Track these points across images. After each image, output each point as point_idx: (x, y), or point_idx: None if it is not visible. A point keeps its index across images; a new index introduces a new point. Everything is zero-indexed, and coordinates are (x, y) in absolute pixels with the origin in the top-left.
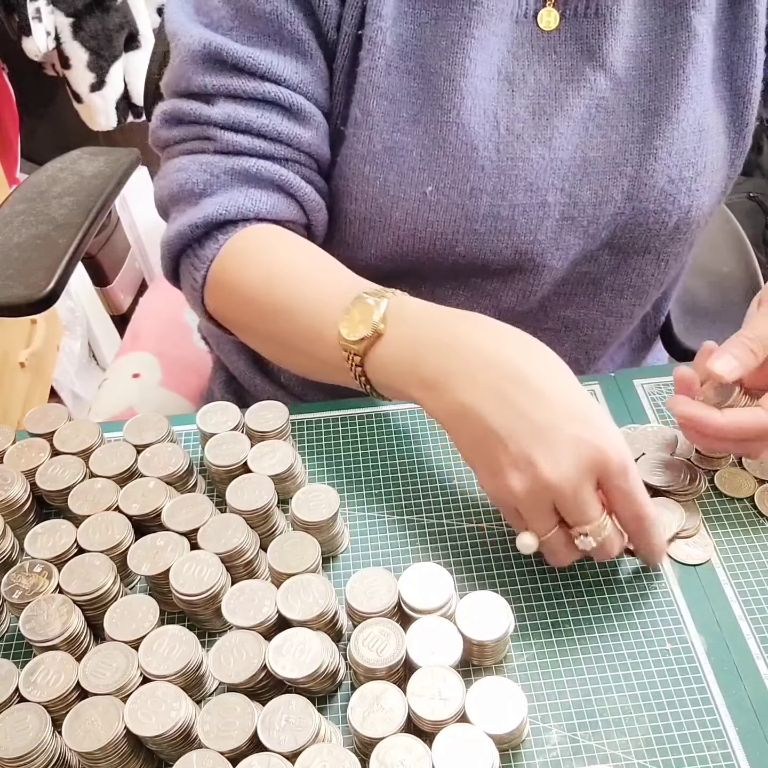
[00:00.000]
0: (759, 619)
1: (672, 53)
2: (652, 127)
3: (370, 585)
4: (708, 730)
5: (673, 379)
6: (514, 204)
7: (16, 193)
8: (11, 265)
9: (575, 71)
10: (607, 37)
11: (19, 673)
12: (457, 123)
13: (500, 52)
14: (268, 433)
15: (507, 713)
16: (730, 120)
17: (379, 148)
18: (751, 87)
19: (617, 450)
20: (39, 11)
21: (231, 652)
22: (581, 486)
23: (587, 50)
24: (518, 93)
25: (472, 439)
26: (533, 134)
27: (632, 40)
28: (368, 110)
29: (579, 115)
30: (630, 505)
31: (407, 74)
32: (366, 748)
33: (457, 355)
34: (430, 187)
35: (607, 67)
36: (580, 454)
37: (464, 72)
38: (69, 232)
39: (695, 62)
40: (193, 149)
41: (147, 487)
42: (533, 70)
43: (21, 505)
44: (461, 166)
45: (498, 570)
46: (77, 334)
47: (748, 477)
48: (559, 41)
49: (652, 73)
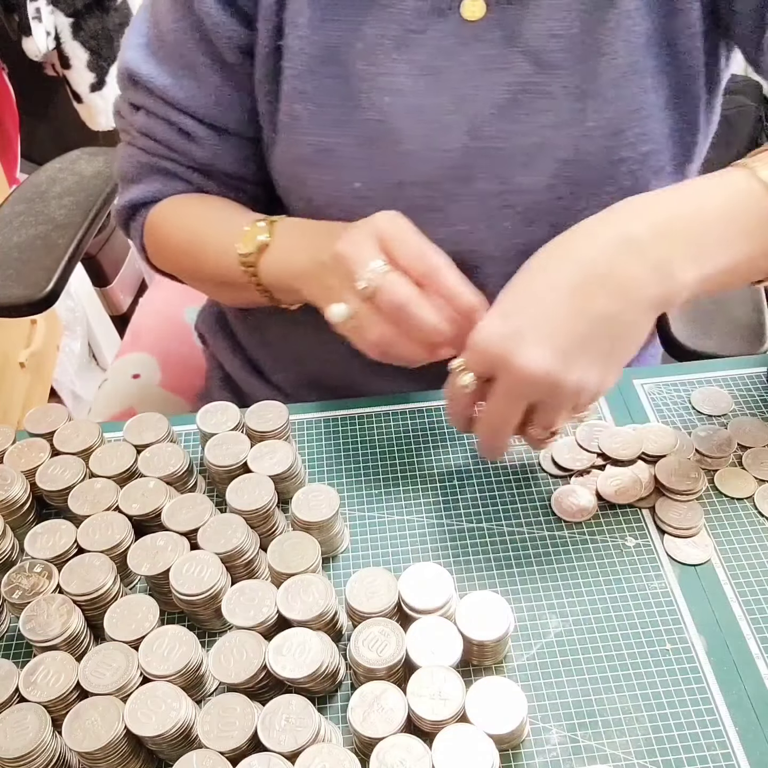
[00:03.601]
0: (759, 619)
1: (600, 32)
2: (585, 109)
3: (370, 585)
4: (708, 730)
5: (673, 379)
6: (445, 194)
7: (16, 194)
8: (11, 265)
9: (499, 58)
10: (530, 21)
11: (19, 673)
12: (378, 120)
13: (423, 47)
14: (268, 433)
15: (507, 713)
16: (673, 95)
17: (309, 151)
18: (692, 59)
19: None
20: (39, 11)
21: (231, 652)
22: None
23: (511, 36)
24: (442, 85)
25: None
26: (458, 124)
27: (560, 22)
28: (295, 115)
29: (505, 102)
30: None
31: (331, 78)
32: (366, 748)
33: (319, 254)
34: (360, 182)
35: (531, 52)
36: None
37: (381, 71)
38: (68, 232)
39: (625, 40)
40: (128, 141)
41: (147, 487)
42: (458, 60)
43: (21, 505)
44: (387, 161)
45: (498, 570)
46: (77, 334)
47: (748, 477)
48: (485, 30)
49: (582, 54)
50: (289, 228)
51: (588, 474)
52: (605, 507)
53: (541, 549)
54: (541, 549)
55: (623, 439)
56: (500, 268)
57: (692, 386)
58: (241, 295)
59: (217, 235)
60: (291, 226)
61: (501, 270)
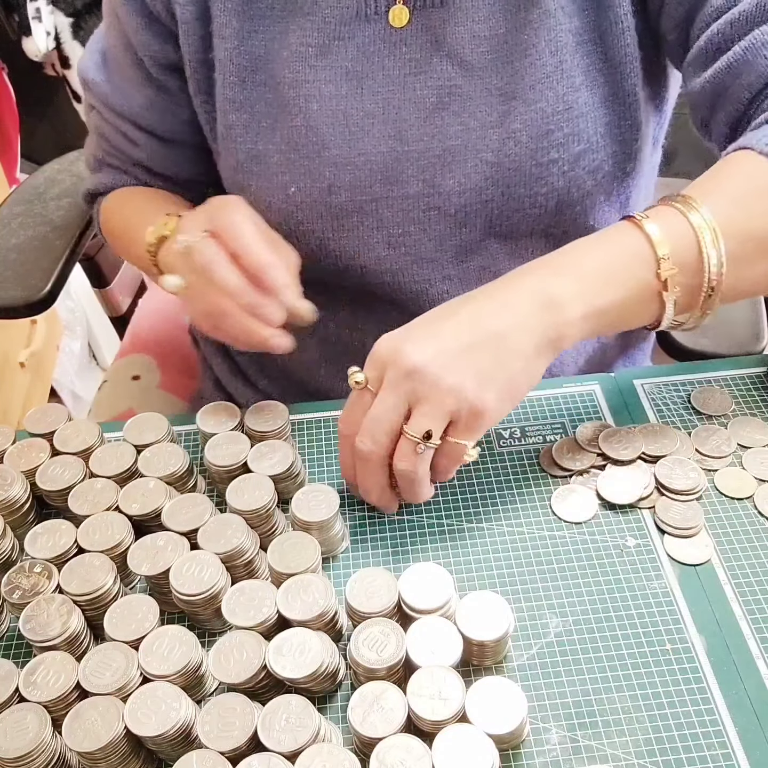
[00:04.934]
0: (759, 619)
1: (525, 32)
2: (510, 111)
3: (370, 585)
4: (708, 730)
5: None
6: (375, 198)
7: (14, 195)
8: (9, 266)
9: (423, 62)
10: (453, 24)
11: (19, 673)
12: (305, 126)
13: (348, 53)
14: (268, 433)
15: (507, 713)
16: (610, 92)
17: (244, 158)
18: (623, 56)
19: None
20: (39, 11)
21: (231, 652)
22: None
23: (435, 40)
24: (367, 90)
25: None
26: (382, 129)
27: (483, 24)
28: (229, 124)
29: (431, 106)
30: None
31: (262, 86)
32: (366, 748)
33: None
34: (293, 188)
35: (454, 55)
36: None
37: (306, 78)
38: (66, 233)
39: (549, 39)
40: (91, 131)
41: (147, 487)
42: (382, 65)
43: (21, 505)
44: (316, 166)
45: (498, 570)
46: (77, 334)
47: (748, 477)
48: (410, 35)
49: (507, 56)
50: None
51: (588, 474)
52: (605, 507)
53: (541, 549)
54: (541, 549)
55: (623, 439)
56: (439, 270)
57: (692, 386)
58: (148, 270)
59: (139, 224)
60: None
61: (440, 273)
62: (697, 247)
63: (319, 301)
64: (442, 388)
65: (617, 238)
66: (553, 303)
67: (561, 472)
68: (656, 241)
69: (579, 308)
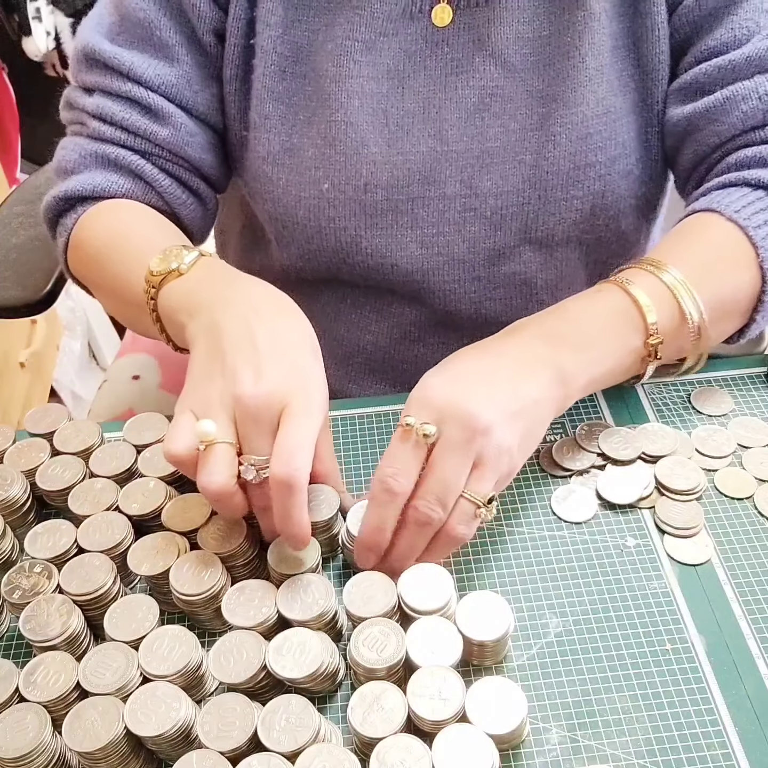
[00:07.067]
0: (759, 619)
1: (568, 35)
2: (551, 113)
3: (366, 589)
4: (708, 730)
5: (673, 379)
6: (411, 197)
7: (15, 195)
8: (9, 266)
9: (465, 63)
10: (497, 24)
11: (19, 673)
12: (345, 122)
13: (391, 50)
14: None
15: (507, 713)
16: (640, 98)
17: (278, 150)
18: (657, 63)
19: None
20: (39, 11)
21: (231, 652)
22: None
23: (477, 40)
24: (408, 89)
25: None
26: (423, 128)
27: (527, 26)
28: (265, 114)
29: (471, 106)
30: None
31: (302, 78)
32: (366, 748)
33: (227, 302)
34: (326, 184)
35: (497, 55)
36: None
37: (349, 73)
38: None
39: (592, 42)
40: (74, 131)
41: (147, 487)
42: (424, 65)
43: (21, 505)
44: (353, 163)
45: (498, 570)
46: (77, 334)
47: (748, 477)
48: (452, 34)
49: (549, 58)
50: (209, 264)
51: (588, 474)
52: (605, 507)
53: (541, 549)
54: (541, 549)
55: (623, 439)
56: (470, 272)
57: (692, 386)
58: (137, 316)
59: (140, 246)
60: (212, 264)
61: (470, 275)
62: (678, 308)
63: (333, 302)
64: (503, 451)
65: (610, 305)
66: (565, 379)
67: (561, 472)
68: (644, 306)
69: (582, 380)
